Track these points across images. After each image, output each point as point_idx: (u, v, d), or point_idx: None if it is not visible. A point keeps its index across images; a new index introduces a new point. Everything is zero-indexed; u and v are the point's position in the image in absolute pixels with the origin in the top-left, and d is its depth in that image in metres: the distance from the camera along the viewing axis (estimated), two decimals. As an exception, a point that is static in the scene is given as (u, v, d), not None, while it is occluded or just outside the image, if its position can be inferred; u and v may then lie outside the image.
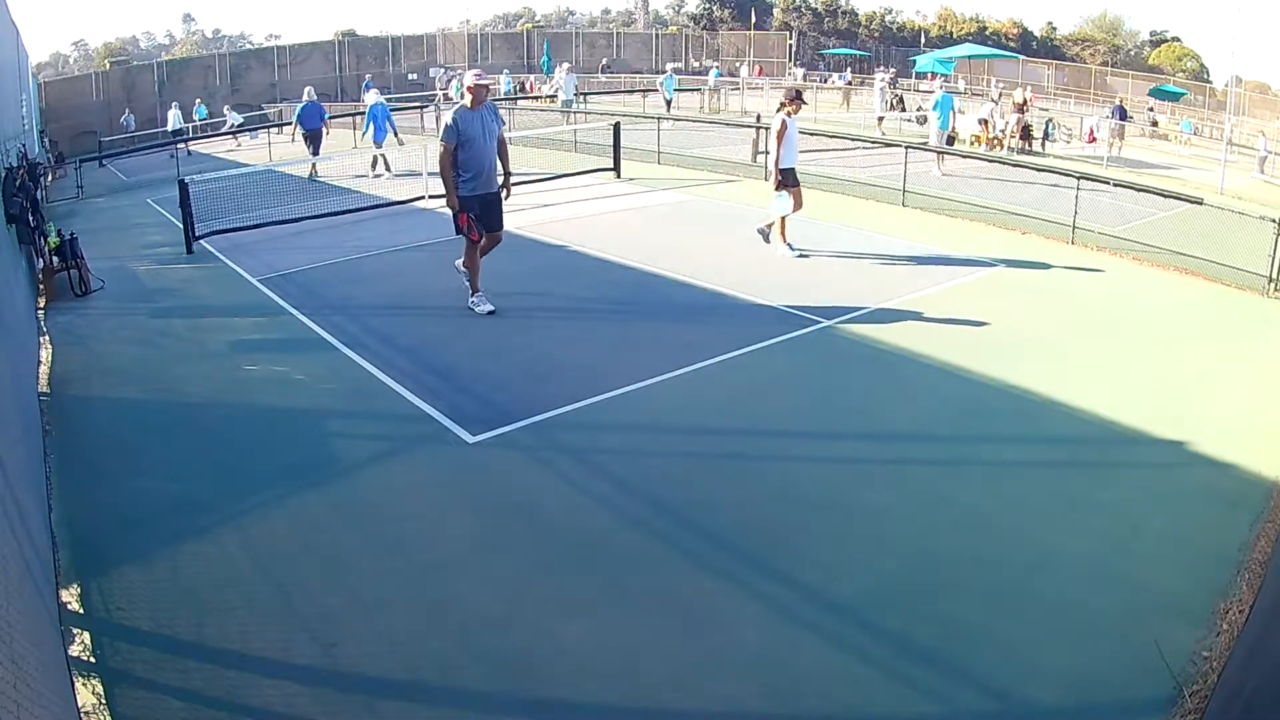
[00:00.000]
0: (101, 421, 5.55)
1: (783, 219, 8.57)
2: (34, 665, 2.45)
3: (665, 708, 3.03)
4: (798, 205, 8.56)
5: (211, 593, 3.63)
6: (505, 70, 31.76)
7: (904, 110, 24.33)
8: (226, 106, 26.79)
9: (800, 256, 8.48)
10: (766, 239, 8.78)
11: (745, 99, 28.23)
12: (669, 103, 24.62)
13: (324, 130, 15.93)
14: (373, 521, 4.18)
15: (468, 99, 6.81)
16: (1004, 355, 6.08)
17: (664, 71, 27.99)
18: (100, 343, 7.13)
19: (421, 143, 14.30)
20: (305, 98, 16.09)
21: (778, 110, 8.61)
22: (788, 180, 8.46)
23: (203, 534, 4.08)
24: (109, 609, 3.58)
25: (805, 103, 9.16)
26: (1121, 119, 19.99)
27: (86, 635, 3.42)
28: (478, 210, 6.89)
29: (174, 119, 23.18)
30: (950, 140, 15.58)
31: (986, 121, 18.64)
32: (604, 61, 31.84)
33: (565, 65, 27.42)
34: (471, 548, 3.97)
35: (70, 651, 3.30)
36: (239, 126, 24.04)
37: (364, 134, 16.02)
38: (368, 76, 17.24)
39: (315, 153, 15.20)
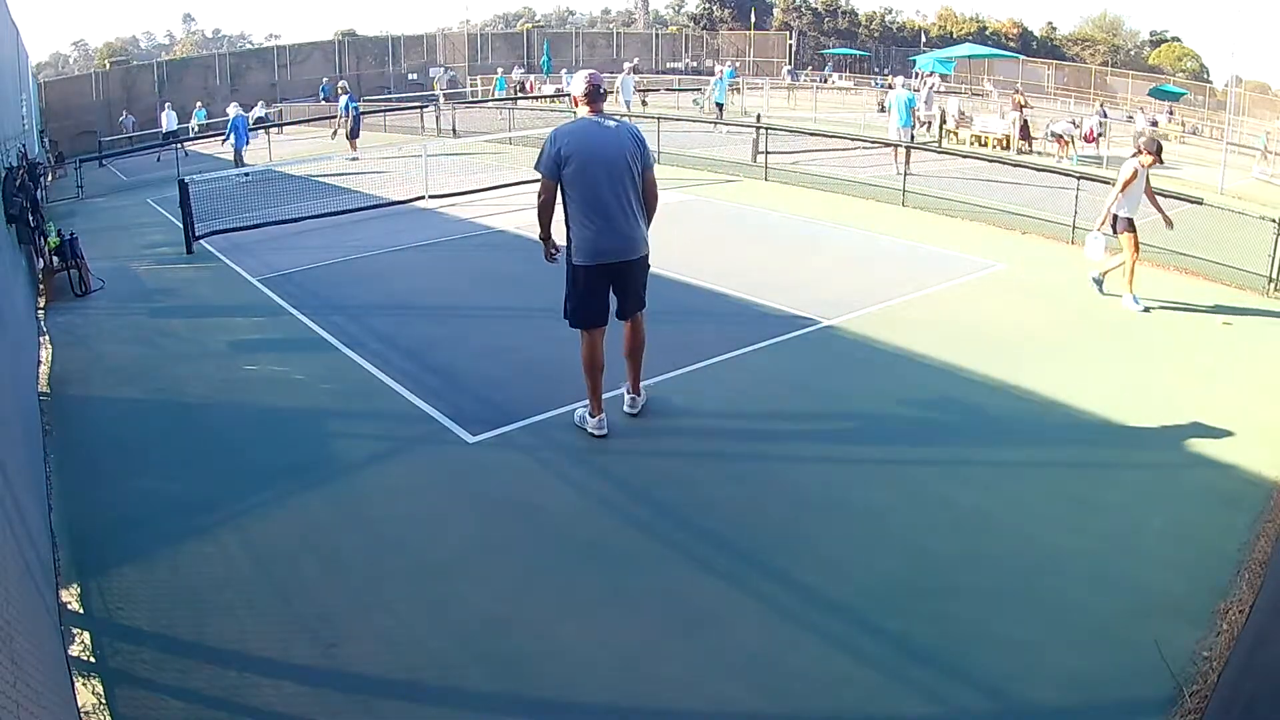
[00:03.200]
0: (101, 421, 5.55)
1: (1132, 268, 7.34)
2: (34, 665, 2.45)
3: (665, 708, 3.03)
4: (1134, 254, 7.25)
5: (211, 593, 3.63)
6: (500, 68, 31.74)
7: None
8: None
9: (1144, 311, 7.19)
10: (1101, 289, 7.61)
11: (745, 98, 28.26)
12: (720, 107, 20.94)
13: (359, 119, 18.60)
14: (373, 521, 4.18)
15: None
16: (1004, 355, 6.08)
17: (715, 74, 23.36)
18: (100, 343, 7.13)
19: (421, 142, 14.30)
20: (344, 93, 19.01)
21: (1132, 155, 7.39)
22: (1124, 228, 7.22)
23: (203, 534, 4.08)
24: (109, 609, 3.58)
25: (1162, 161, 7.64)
26: (1103, 118, 20.26)
27: (86, 635, 3.42)
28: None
29: (167, 120, 22.99)
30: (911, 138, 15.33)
31: (1061, 136, 17.97)
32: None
33: (628, 66, 26.54)
34: (471, 548, 3.97)
35: (70, 651, 3.30)
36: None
37: (224, 141, 17.17)
38: (231, 106, 18.57)
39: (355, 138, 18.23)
